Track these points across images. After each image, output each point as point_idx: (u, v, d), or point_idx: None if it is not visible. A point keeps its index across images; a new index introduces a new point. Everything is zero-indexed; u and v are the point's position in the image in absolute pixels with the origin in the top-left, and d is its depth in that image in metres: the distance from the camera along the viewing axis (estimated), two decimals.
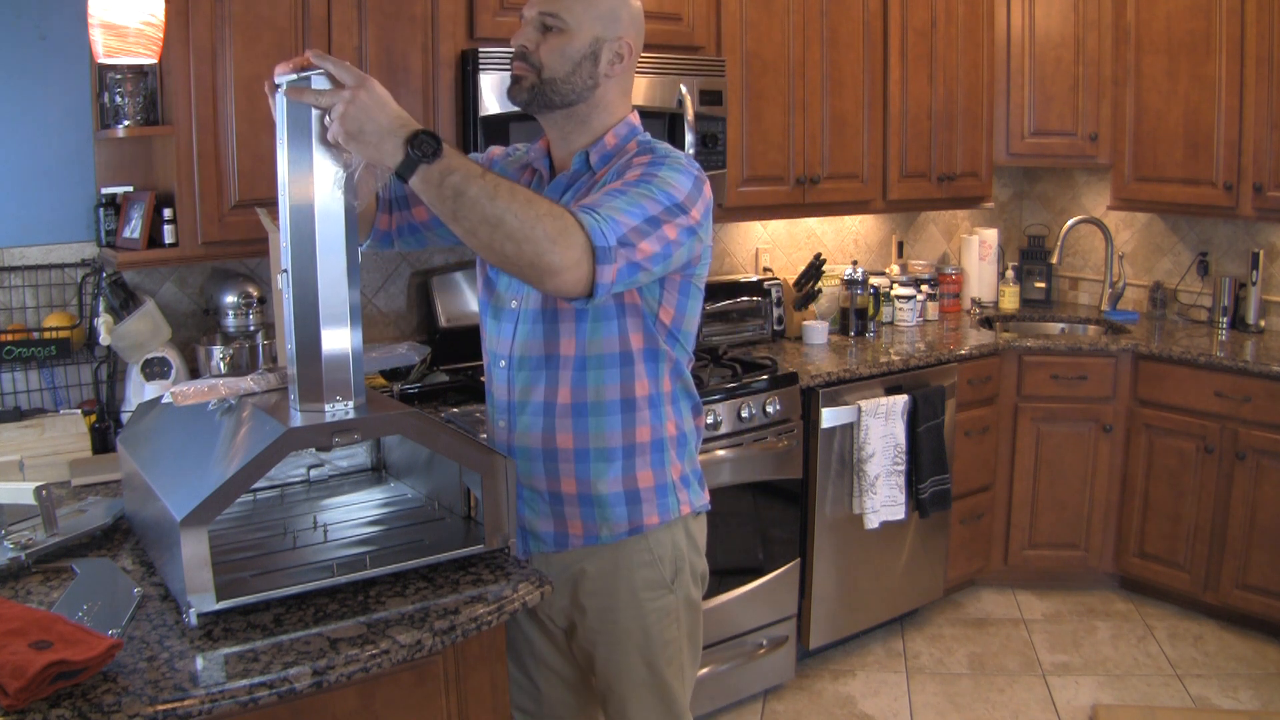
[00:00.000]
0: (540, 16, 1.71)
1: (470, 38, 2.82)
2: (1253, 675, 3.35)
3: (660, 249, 1.61)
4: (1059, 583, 3.99)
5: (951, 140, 3.99)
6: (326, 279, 1.62)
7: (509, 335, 1.82)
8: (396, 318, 3.18)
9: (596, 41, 1.71)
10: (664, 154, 1.71)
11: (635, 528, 1.81)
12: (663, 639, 1.85)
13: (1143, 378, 3.73)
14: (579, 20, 1.70)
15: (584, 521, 1.81)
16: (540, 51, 1.71)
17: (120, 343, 2.52)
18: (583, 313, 1.73)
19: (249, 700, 1.39)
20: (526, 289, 1.77)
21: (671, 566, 1.84)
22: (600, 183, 1.71)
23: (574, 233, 1.50)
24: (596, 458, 1.78)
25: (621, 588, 1.82)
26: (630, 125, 1.80)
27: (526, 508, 1.85)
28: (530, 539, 1.87)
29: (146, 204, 2.48)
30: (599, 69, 1.73)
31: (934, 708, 3.19)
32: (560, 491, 1.81)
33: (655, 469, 1.81)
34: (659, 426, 1.81)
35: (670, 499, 1.83)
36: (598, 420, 1.77)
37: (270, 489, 2.10)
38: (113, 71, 2.48)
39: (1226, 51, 3.64)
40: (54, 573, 1.75)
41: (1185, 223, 4.22)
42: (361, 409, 1.68)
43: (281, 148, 1.58)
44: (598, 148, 1.77)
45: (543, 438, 1.79)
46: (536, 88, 1.73)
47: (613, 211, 1.56)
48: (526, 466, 1.82)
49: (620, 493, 1.80)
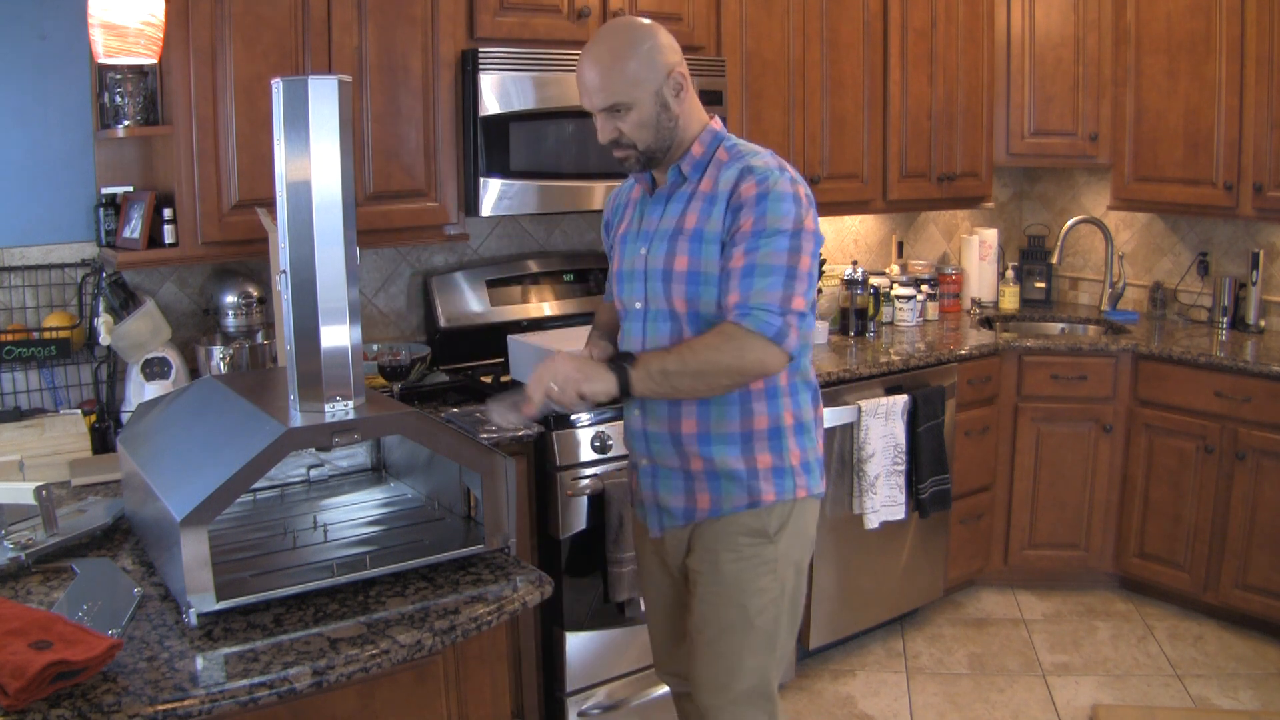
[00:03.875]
0: (606, 112, 1.91)
1: (470, 38, 2.82)
2: (1253, 675, 3.34)
3: (807, 283, 1.85)
4: (1059, 583, 3.98)
5: (951, 140, 3.99)
6: (325, 278, 1.62)
7: (638, 334, 2.01)
8: (396, 318, 3.18)
9: (657, 94, 1.89)
10: (761, 176, 1.86)
11: (753, 502, 1.96)
12: (756, 585, 1.96)
13: (1143, 378, 3.73)
14: (632, 93, 1.88)
15: (711, 494, 1.97)
16: (626, 134, 1.91)
17: (120, 343, 2.52)
18: (694, 314, 1.92)
19: (249, 700, 1.39)
20: (645, 291, 1.98)
21: (778, 522, 1.98)
22: (708, 197, 1.90)
23: (750, 340, 1.80)
24: (717, 441, 1.95)
25: (724, 534, 1.97)
26: (712, 131, 1.97)
27: (661, 485, 2.02)
28: (664, 515, 2.04)
29: (146, 204, 2.48)
30: (672, 109, 1.92)
31: (934, 708, 3.19)
32: (690, 469, 1.97)
33: (774, 453, 1.96)
34: (776, 416, 1.96)
35: (788, 481, 1.98)
36: (719, 409, 1.94)
37: (270, 489, 2.10)
38: (113, 71, 2.48)
39: (1226, 51, 3.64)
40: (54, 573, 1.76)
41: (1185, 223, 4.22)
42: (361, 409, 1.68)
43: (280, 147, 1.58)
44: (687, 159, 1.96)
45: (669, 423, 1.97)
46: (643, 158, 1.95)
47: (760, 297, 1.81)
48: (660, 448, 2.00)
49: (741, 469, 1.95)
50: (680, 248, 1.91)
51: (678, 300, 1.92)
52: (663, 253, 1.94)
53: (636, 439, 2.06)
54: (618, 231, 2.12)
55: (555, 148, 2.90)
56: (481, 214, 2.83)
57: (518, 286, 3.28)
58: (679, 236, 1.92)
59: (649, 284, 1.97)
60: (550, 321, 3.27)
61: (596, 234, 3.54)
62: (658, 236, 1.97)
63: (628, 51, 1.88)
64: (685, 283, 1.91)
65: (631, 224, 2.06)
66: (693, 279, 1.90)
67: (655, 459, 2.02)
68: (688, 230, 1.91)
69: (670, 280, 1.93)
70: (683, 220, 1.93)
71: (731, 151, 1.94)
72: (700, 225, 1.90)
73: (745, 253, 1.82)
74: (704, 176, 1.94)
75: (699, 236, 1.90)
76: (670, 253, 1.93)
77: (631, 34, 1.91)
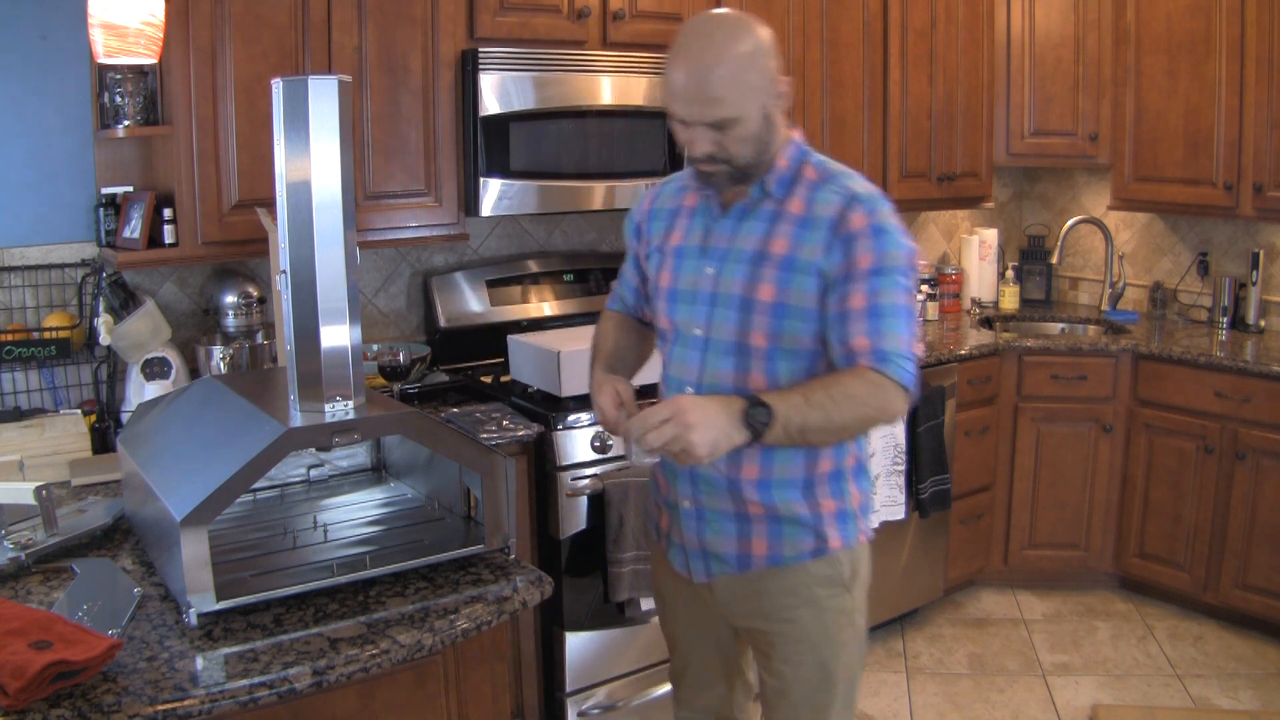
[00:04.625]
0: (708, 128, 1.68)
1: (470, 38, 2.82)
2: (1253, 675, 3.34)
3: (916, 319, 1.73)
4: (1059, 583, 3.98)
5: (951, 140, 3.99)
6: (325, 278, 1.62)
7: (695, 363, 1.80)
8: (396, 318, 3.18)
9: (764, 106, 1.69)
10: (869, 205, 1.71)
11: (819, 549, 1.80)
12: (839, 639, 1.83)
13: (1143, 378, 3.73)
14: (744, 105, 1.66)
15: (769, 540, 1.79)
16: (725, 149, 1.69)
17: (120, 343, 2.52)
18: (775, 350, 1.73)
19: (249, 700, 1.39)
20: (710, 317, 1.77)
21: (849, 568, 1.83)
22: (801, 221, 1.72)
23: (891, 390, 1.64)
24: (779, 486, 1.77)
25: (799, 587, 1.80)
26: (796, 144, 1.79)
27: (709, 530, 1.82)
28: (712, 561, 1.84)
29: (146, 204, 2.48)
30: (774, 122, 1.73)
31: (934, 708, 3.19)
32: (746, 513, 1.79)
33: (836, 497, 1.80)
34: (840, 459, 1.81)
35: (851, 526, 1.83)
36: (784, 454, 1.76)
37: (270, 489, 2.10)
38: (113, 71, 2.48)
39: (1226, 51, 3.64)
40: (54, 573, 1.75)
41: (1185, 223, 4.22)
42: (361, 409, 1.68)
43: (280, 147, 1.58)
44: (773, 174, 1.76)
45: (727, 466, 1.76)
46: (736, 174, 1.73)
47: (894, 342, 1.65)
48: (710, 491, 1.80)
49: (806, 514, 1.78)
50: (766, 275, 1.72)
51: (757, 334, 1.72)
52: (741, 277, 1.74)
53: (679, 478, 1.85)
54: (667, 241, 1.88)
55: (555, 148, 2.89)
56: (481, 214, 2.83)
57: (518, 286, 3.28)
58: (764, 262, 1.72)
59: (717, 310, 1.76)
60: (550, 321, 3.27)
61: (597, 234, 3.54)
62: (732, 258, 1.76)
63: (744, 59, 1.66)
64: (770, 314, 1.71)
65: (689, 237, 1.84)
66: (779, 311, 1.71)
67: (702, 502, 1.82)
68: (775, 256, 1.72)
69: (751, 310, 1.72)
70: (768, 243, 1.73)
71: (820, 170, 1.77)
72: (792, 252, 1.70)
73: (868, 292, 1.66)
74: (791, 196, 1.75)
75: (790, 265, 1.70)
76: (752, 279, 1.73)
77: (742, 35, 1.67)
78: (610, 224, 3.56)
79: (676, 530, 1.88)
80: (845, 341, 1.67)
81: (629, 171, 3.01)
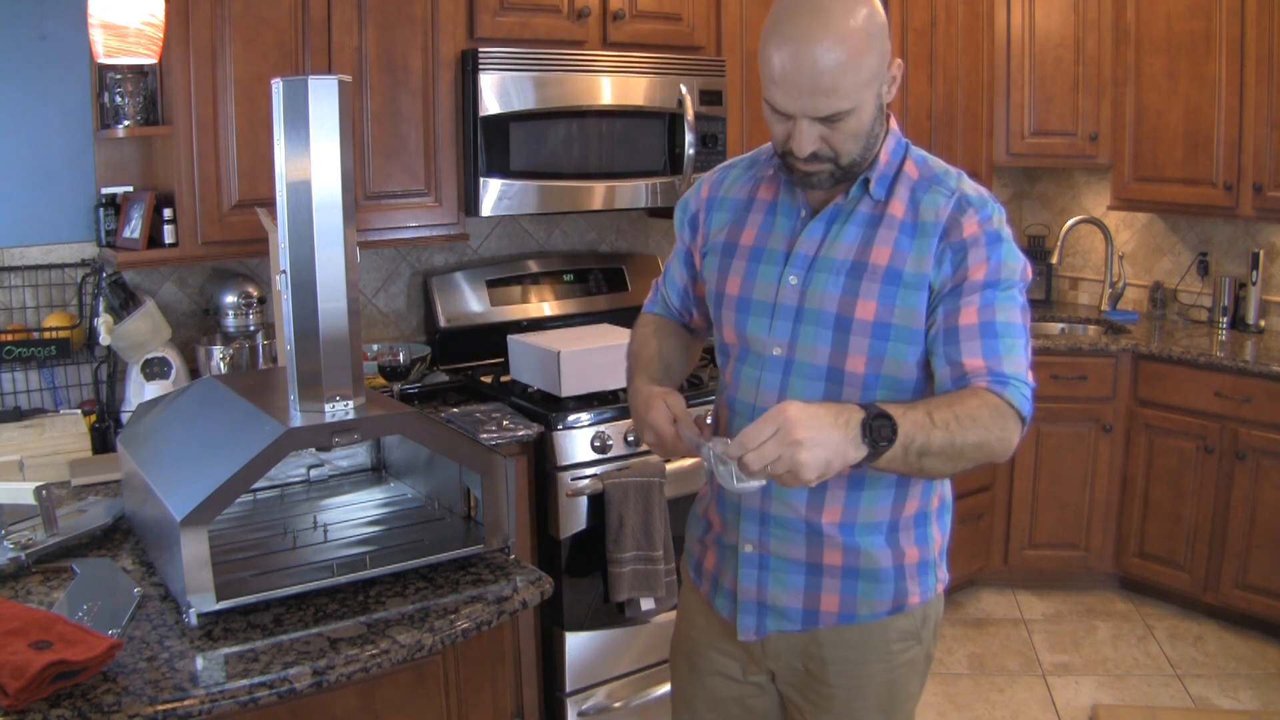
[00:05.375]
0: (817, 122, 1.44)
1: (470, 38, 2.82)
2: (1253, 675, 3.34)
3: (1031, 341, 1.54)
4: (1059, 583, 3.98)
5: (951, 140, 3.99)
6: (325, 278, 1.62)
7: (774, 386, 1.56)
8: (396, 318, 3.18)
9: (879, 93, 1.47)
10: (982, 210, 1.51)
11: (897, 607, 1.60)
12: (906, 692, 1.65)
13: (1143, 378, 3.73)
14: (860, 95, 1.42)
15: (842, 596, 1.58)
16: (833, 145, 1.46)
17: (120, 343, 2.52)
18: (874, 377, 1.52)
19: (249, 700, 1.39)
20: (794, 335, 1.54)
21: (922, 618, 1.65)
22: (906, 227, 1.51)
23: (1010, 417, 1.44)
24: (863, 530, 1.57)
25: (869, 644, 1.61)
26: (896, 136, 1.57)
27: (774, 580, 1.60)
28: (770, 615, 1.62)
29: (146, 204, 2.48)
30: (884, 110, 1.52)
31: (934, 708, 3.19)
32: (821, 563, 1.58)
33: (920, 544, 1.61)
34: (927, 500, 1.62)
35: (930, 577, 1.63)
36: (871, 494, 1.56)
37: (270, 489, 2.10)
38: (113, 71, 2.48)
39: (1226, 51, 3.64)
40: (54, 573, 1.75)
41: (1185, 223, 4.22)
42: (361, 409, 1.68)
43: (280, 147, 1.58)
44: (874, 170, 1.53)
45: (807, 509, 1.56)
46: (837, 173, 1.50)
47: (1013, 365, 1.46)
48: (783, 535, 1.58)
49: (888, 567, 1.58)
50: (867, 289, 1.50)
51: (855, 357, 1.50)
52: (835, 291, 1.51)
53: (743, 518, 1.61)
54: (734, 239, 1.64)
55: (555, 148, 2.89)
56: (481, 214, 2.83)
57: (518, 286, 3.28)
58: (864, 273, 1.50)
59: (803, 327, 1.53)
60: (550, 321, 3.27)
61: (597, 234, 3.54)
62: (822, 266, 1.53)
63: (861, 37, 1.39)
64: (871, 335, 1.49)
65: (767, 238, 1.60)
66: (881, 331, 1.49)
67: (769, 547, 1.59)
68: (878, 267, 1.50)
69: (848, 330, 1.50)
70: (868, 251, 1.51)
71: (923, 168, 1.56)
72: (898, 264, 1.49)
73: (981, 308, 1.46)
74: (892, 197, 1.53)
75: (895, 278, 1.49)
76: (850, 293, 1.50)
77: (856, 3, 1.40)
78: (610, 224, 3.56)
79: (728, 576, 1.65)
80: (956, 361, 1.47)
81: (629, 171, 3.01)
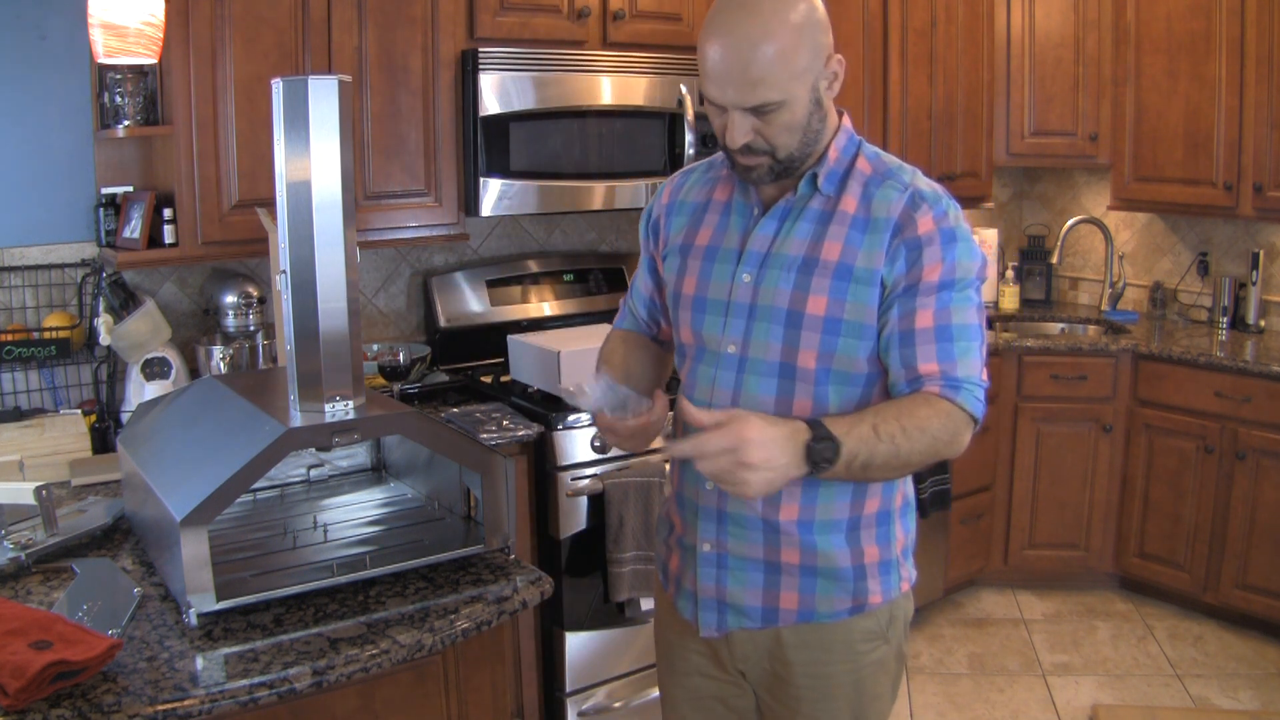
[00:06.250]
0: (747, 113, 1.45)
1: (470, 38, 2.82)
2: (1253, 675, 3.34)
3: (986, 339, 1.55)
4: (1059, 583, 3.98)
5: (951, 140, 3.99)
6: (325, 278, 1.62)
7: (728, 385, 1.56)
8: (396, 318, 3.18)
9: (814, 87, 1.48)
10: (937, 207, 1.51)
11: (857, 606, 1.59)
12: (873, 692, 1.64)
13: (1143, 378, 3.73)
14: (791, 87, 1.44)
15: (800, 594, 1.58)
16: (766, 138, 1.48)
17: (120, 343, 2.52)
18: (825, 372, 1.51)
19: (249, 700, 1.39)
20: (747, 332, 1.55)
21: (888, 618, 1.63)
22: (857, 223, 1.51)
23: (960, 420, 1.47)
24: (821, 529, 1.56)
25: (833, 642, 1.61)
26: (847, 133, 1.59)
27: (732, 579, 1.60)
28: (730, 613, 1.61)
29: (146, 204, 2.48)
30: (824, 106, 1.52)
31: (934, 708, 3.19)
32: (778, 561, 1.57)
33: (880, 543, 1.59)
34: (889, 497, 1.60)
35: (893, 576, 1.62)
36: (829, 491, 1.54)
37: (270, 489, 2.10)
38: (113, 71, 2.48)
39: (1226, 51, 3.64)
40: (54, 573, 1.76)
41: (1185, 223, 4.22)
42: (361, 409, 1.68)
43: (280, 147, 1.58)
44: (823, 167, 1.54)
45: (764, 507, 1.55)
46: (778, 167, 1.51)
47: (967, 368, 1.49)
48: (740, 534, 1.58)
49: (846, 566, 1.57)
50: (818, 285, 1.50)
51: (806, 353, 1.50)
52: (787, 287, 1.51)
53: (703, 517, 1.61)
54: (691, 240, 1.64)
55: (555, 148, 2.90)
56: (481, 214, 2.83)
57: (518, 286, 3.28)
58: (814, 269, 1.50)
59: (756, 324, 1.53)
60: (550, 321, 3.27)
61: (597, 234, 3.54)
62: (774, 263, 1.53)
63: (794, 32, 1.42)
64: (822, 330, 1.49)
65: (721, 237, 1.61)
66: (832, 327, 1.49)
67: (726, 546, 1.59)
68: (829, 263, 1.50)
69: (800, 325, 1.50)
70: (819, 248, 1.51)
71: (875, 164, 1.57)
72: (849, 260, 1.49)
73: (937, 310, 1.47)
74: (844, 193, 1.54)
75: (846, 273, 1.49)
76: (801, 289, 1.50)
77: (796, 2, 1.43)
78: (610, 224, 3.56)
79: (689, 576, 1.65)
80: (911, 365, 1.48)
81: (629, 171, 3.01)
